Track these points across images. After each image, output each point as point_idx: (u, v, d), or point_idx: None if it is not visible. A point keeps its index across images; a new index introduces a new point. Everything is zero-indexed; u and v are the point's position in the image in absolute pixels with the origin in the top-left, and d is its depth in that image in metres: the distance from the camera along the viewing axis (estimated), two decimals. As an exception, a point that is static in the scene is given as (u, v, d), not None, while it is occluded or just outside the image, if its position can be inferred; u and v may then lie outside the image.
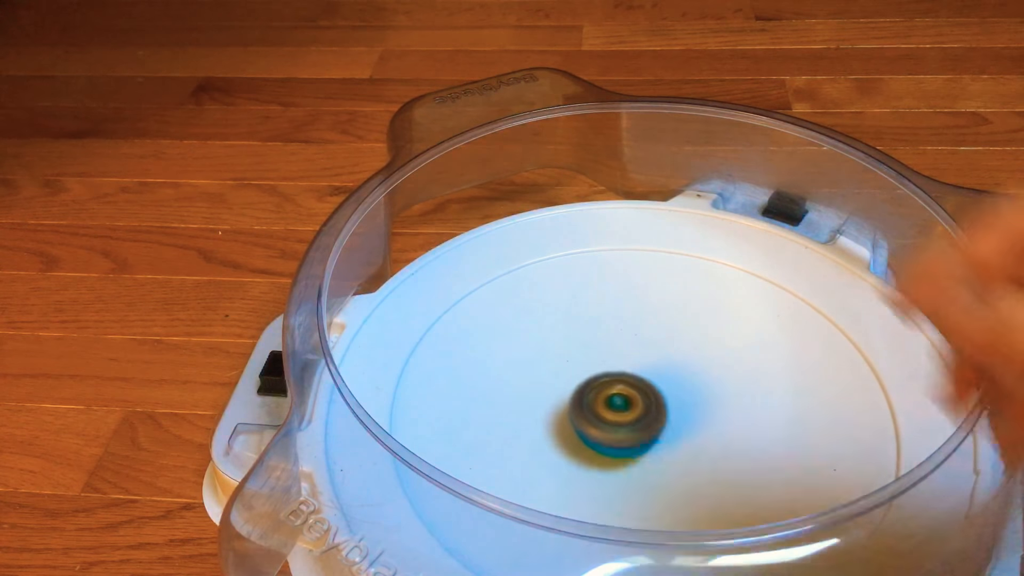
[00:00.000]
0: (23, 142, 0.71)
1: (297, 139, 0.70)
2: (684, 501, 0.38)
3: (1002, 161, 0.63)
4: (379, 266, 0.52)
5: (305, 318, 0.42)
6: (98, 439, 0.47)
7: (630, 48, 0.79)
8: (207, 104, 0.75)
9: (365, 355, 0.46)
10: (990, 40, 0.76)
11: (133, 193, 0.65)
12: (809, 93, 0.71)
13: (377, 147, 0.69)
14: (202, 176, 0.66)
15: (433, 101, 0.55)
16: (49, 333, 0.54)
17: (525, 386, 0.43)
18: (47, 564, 0.41)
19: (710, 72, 0.75)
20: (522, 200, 0.61)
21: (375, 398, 0.43)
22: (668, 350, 0.44)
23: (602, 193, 0.61)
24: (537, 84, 0.57)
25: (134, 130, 0.72)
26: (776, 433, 0.40)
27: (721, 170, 0.54)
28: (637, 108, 0.55)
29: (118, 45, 0.84)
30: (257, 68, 0.79)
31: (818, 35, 0.79)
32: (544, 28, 0.83)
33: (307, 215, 0.62)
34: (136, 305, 0.55)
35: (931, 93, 0.70)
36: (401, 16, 0.87)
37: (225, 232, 0.61)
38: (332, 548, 0.34)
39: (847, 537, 0.33)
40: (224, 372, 0.50)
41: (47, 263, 0.59)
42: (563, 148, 0.59)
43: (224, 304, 0.55)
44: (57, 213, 0.64)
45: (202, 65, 0.80)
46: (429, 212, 0.61)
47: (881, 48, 0.77)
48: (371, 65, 0.79)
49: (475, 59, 0.79)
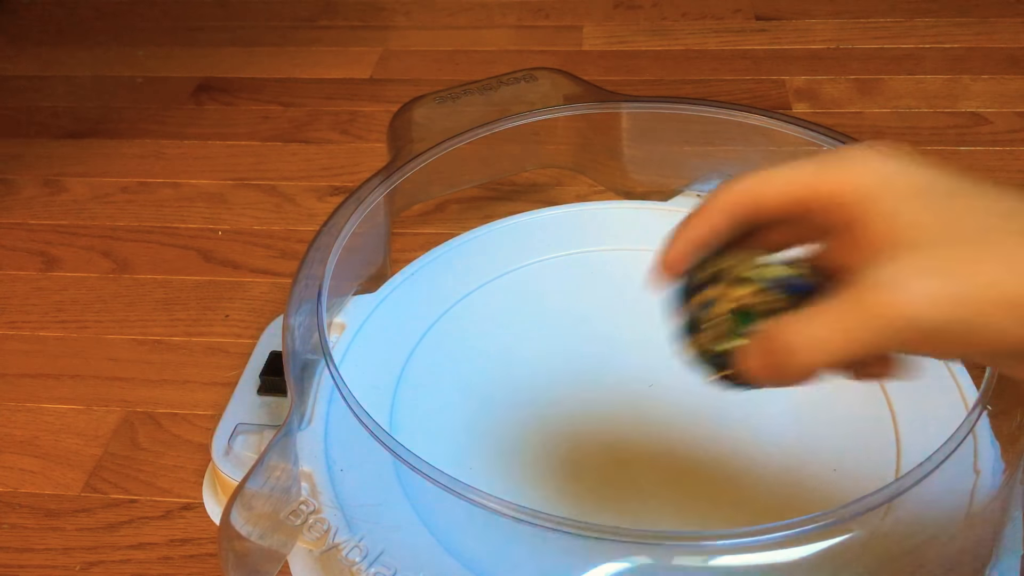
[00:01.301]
0: (23, 142, 0.71)
1: (297, 139, 0.70)
2: (685, 501, 0.38)
3: (1002, 161, 0.63)
4: (379, 266, 0.51)
5: (305, 318, 0.42)
6: (98, 439, 0.47)
7: (630, 48, 0.79)
8: (207, 104, 0.75)
9: (365, 355, 0.46)
10: (990, 40, 0.76)
11: (133, 193, 0.65)
12: (809, 93, 0.71)
13: (377, 147, 0.69)
14: (202, 176, 0.66)
15: (433, 101, 0.55)
16: (49, 333, 0.54)
17: (525, 386, 0.43)
18: (47, 564, 0.41)
19: (710, 72, 0.75)
20: (522, 200, 0.61)
21: (375, 398, 0.43)
22: (669, 350, 0.44)
23: (602, 193, 0.61)
24: (537, 84, 0.57)
25: (134, 130, 0.72)
26: (776, 433, 0.40)
27: (721, 170, 0.54)
28: (637, 108, 0.55)
29: (118, 45, 0.84)
30: (257, 68, 0.79)
31: (818, 35, 0.79)
32: (544, 28, 0.83)
33: (307, 215, 0.62)
34: (136, 305, 0.55)
35: (931, 93, 0.70)
36: (401, 16, 0.87)
37: (225, 232, 0.61)
38: (332, 548, 0.34)
39: (847, 537, 0.33)
40: (224, 372, 0.50)
41: (47, 263, 0.59)
42: (563, 148, 0.59)
43: (224, 304, 0.55)
44: (57, 213, 0.64)
45: (202, 65, 0.80)
46: (429, 212, 0.61)
47: (881, 48, 0.77)
48: (371, 65, 0.79)
49: (475, 59, 0.79)
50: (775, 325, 0.24)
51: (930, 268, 0.22)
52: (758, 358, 0.25)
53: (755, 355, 0.25)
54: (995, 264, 0.22)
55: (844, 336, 0.23)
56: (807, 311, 0.24)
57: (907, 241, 0.23)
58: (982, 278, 0.22)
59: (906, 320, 0.22)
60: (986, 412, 0.36)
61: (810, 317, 0.24)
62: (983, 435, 0.38)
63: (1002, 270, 0.22)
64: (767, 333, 0.25)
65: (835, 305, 0.23)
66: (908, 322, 0.22)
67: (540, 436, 0.41)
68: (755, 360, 0.25)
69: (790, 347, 0.24)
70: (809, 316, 0.24)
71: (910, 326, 0.22)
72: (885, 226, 0.23)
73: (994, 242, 0.22)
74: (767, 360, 0.25)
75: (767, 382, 0.26)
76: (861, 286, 0.23)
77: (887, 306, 0.22)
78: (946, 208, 0.23)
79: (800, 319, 0.24)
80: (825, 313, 0.23)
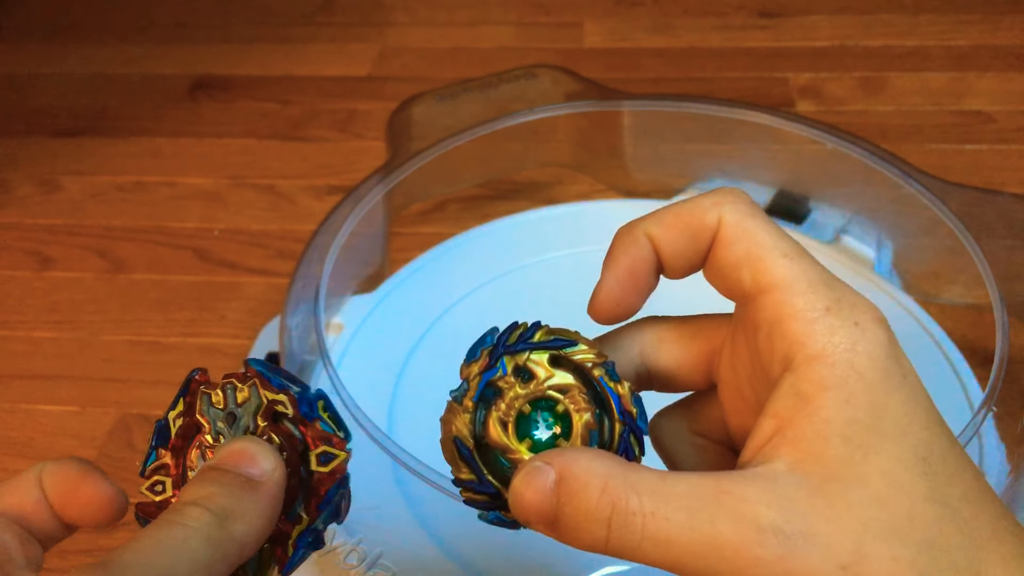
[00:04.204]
0: (18, 141, 0.71)
1: (295, 137, 0.69)
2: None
3: (1008, 160, 0.62)
4: (377, 266, 0.51)
5: (303, 318, 0.42)
6: (93, 441, 0.47)
7: (631, 45, 0.79)
8: (204, 102, 0.74)
9: (363, 356, 0.45)
10: (996, 37, 0.76)
11: (129, 192, 0.65)
12: (813, 91, 0.71)
13: (376, 145, 0.68)
14: (198, 175, 0.66)
15: (432, 99, 0.54)
16: (44, 334, 0.53)
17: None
18: (43, 566, 0.41)
19: (712, 69, 0.75)
20: (522, 199, 0.61)
21: (373, 399, 0.42)
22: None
23: (603, 192, 0.60)
24: (537, 82, 0.56)
25: (130, 128, 0.71)
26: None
27: (724, 168, 0.54)
28: (639, 106, 0.55)
29: (114, 43, 0.84)
30: (254, 66, 0.79)
31: (822, 32, 0.78)
32: (545, 25, 0.82)
33: (305, 214, 0.62)
34: (131, 306, 0.55)
35: (936, 91, 0.70)
36: (400, 12, 0.86)
37: (222, 231, 0.60)
38: (330, 551, 0.34)
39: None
40: (221, 373, 0.50)
41: (42, 263, 0.59)
42: (564, 146, 0.59)
43: (220, 304, 0.55)
44: (52, 212, 0.63)
45: (198, 62, 0.79)
46: (428, 211, 0.60)
47: (886, 45, 0.76)
48: (370, 62, 0.78)
49: (475, 56, 0.79)
50: (575, 454, 0.20)
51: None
52: (538, 491, 0.20)
53: (535, 485, 0.20)
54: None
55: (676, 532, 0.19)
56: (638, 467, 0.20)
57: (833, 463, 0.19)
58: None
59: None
60: (992, 414, 0.35)
61: (665, 497, 0.19)
62: (989, 437, 0.38)
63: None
64: (562, 459, 0.20)
65: (699, 483, 0.19)
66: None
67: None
68: (532, 492, 0.20)
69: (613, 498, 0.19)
70: (664, 495, 0.19)
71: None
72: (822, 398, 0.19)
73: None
74: (551, 500, 0.20)
75: (542, 529, 0.21)
76: (749, 477, 0.19)
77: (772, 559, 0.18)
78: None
79: (650, 487, 0.19)
80: (682, 482, 0.19)
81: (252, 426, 0.23)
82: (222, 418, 0.23)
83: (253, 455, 0.21)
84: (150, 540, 0.19)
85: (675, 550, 0.19)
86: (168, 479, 0.23)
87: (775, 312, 0.21)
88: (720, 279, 0.23)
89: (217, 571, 0.19)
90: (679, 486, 0.19)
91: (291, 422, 0.23)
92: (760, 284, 0.21)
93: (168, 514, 0.20)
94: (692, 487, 0.19)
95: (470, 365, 0.24)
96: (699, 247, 0.23)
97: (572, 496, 0.20)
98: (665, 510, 0.19)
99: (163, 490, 0.23)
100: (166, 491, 0.23)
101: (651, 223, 0.23)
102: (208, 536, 0.19)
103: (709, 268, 0.23)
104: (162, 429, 0.24)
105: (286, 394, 0.23)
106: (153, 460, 0.24)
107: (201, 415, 0.24)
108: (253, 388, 0.23)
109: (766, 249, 0.21)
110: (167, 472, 0.23)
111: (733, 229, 0.22)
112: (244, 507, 0.20)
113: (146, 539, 0.19)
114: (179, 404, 0.24)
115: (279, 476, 0.21)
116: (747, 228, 0.22)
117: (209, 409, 0.24)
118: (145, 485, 0.23)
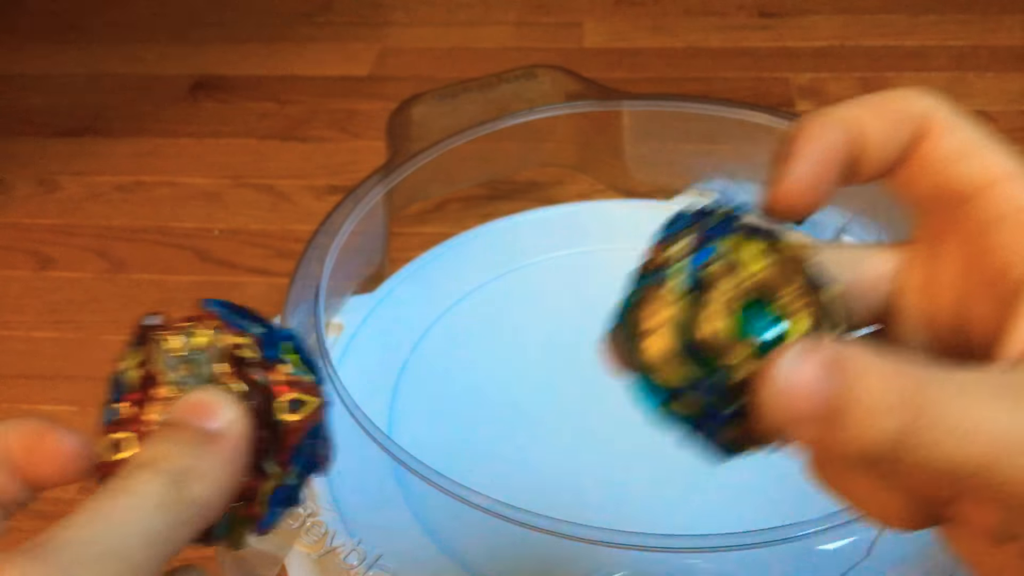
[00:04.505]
0: (17, 140, 0.70)
1: (294, 137, 0.69)
2: (688, 503, 0.38)
3: (1007, 159, 0.62)
4: (377, 266, 0.51)
5: (302, 318, 0.42)
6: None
7: (631, 45, 0.79)
8: (203, 102, 0.74)
9: (363, 356, 0.45)
10: (995, 37, 0.76)
11: (128, 192, 0.65)
12: (813, 90, 0.71)
13: (375, 145, 0.68)
14: (198, 175, 0.66)
15: (432, 99, 0.54)
16: (43, 334, 0.53)
17: (525, 387, 0.43)
18: (40, 568, 0.41)
19: (713, 69, 0.75)
20: (522, 199, 0.60)
21: (373, 400, 0.42)
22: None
23: (603, 192, 0.60)
24: (537, 82, 0.56)
25: (130, 128, 0.71)
26: (781, 435, 0.39)
27: (724, 169, 0.54)
28: (639, 106, 0.55)
29: (113, 42, 0.83)
30: (254, 65, 0.79)
31: (822, 32, 0.78)
32: (545, 25, 0.82)
33: (304, 214, 0.61)
34: (131, 305, 0.55)
35: (936, 90, 0.70)
36: (400, 12, 0.86)
37: (221, 231, 0.60)
38: (330, 551, 0.34)
39: (855, 539, 0.32)
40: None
41: (41, 263, 0.59)
42: (564, 146, 0.59)
43: (221, 304, 0.55)
44: (52, 212, 0.63)
45: (198, 62, 0.79)
46: (428, 211, 0.60)
47: (886, 45, 0.76)
48: (369, 62, 0.78)
49: (475, 56, 0.79)
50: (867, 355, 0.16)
51: None
52: (813, 373, 0.16)
53: (812, 362, 0.16)
54: None
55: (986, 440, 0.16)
56: (950, 369, 0.16)
57: None
58: None
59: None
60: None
61: (961, 384, 0.16)
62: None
63: None
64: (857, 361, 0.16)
65: (1008, 375, 0.16)
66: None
67: (540, 437, 0.40)
68: (806, 374, 0.16)
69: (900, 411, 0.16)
70: (958, 382, 0.16)
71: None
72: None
73: None
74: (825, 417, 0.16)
75: (784, 442, 0.18)
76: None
77: None
78: None
79: (940, 376, 0.16)
80: (983, 384, 0.16)
81: (212, 373, 0.20)
82: (179, 366, 0.21)
83: (211, 406, 0.19)
84: (93, 513, 0.17)
85: (989, 446, 0.16)
86: (131, 435, 0.20)
87: (1016, 203, 0.19)
88: (928, 176, 0.20)
89: (178, 537, 0.18)
90: (988, 375, 0.17)
91: (256, 367, 0.20)
92: (989, 175, 0.19)
93: (115, 481, 0.18)
94: (1002, 377, 0.16)
95: (666, 248, 0.19)
96: (902, 138, 0.20)
97: (860, 378, 0.16)
98: (976, 397, 0.16)
99: (125, 448, 0.20)
100: (130, 448, 0.20)
101: (853, 106, 0.20)
102: (160, 502, 0.17)
103: (911, 164, 0.20)
104: (118, 382, 0.21)
105: (250, 336, 0.20)
106: (115, 416, 0.21)
107: (156, 364, 0.21)
108: (214, 332, 0.21)
109: (985, 139, 0.20)
110: (128, 428, 0.21)
111: (947, 118, 0.20)
112: (203, 465, 0.18)
113: (89, 512, 0.17)
114: (134, 354, 0.21)
115: (241, 427, 0.19)
116: (959, 119, 0.20)
117: (165, 357, 0.21)
118: (104, 443, 0.20)
